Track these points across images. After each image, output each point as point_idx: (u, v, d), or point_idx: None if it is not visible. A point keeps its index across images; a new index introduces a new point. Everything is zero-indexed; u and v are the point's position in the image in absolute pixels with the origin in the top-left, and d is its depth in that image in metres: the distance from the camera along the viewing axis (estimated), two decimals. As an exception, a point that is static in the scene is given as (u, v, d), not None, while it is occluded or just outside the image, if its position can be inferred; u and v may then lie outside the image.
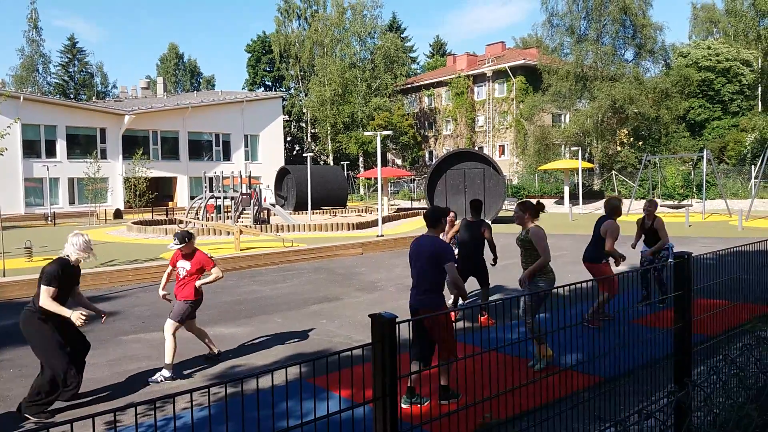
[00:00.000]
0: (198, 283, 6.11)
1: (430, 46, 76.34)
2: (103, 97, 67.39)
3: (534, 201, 6.15)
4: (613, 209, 7.59)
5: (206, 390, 4.09)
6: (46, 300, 5.04)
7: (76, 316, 5.06)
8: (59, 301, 5.11)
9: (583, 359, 5.74)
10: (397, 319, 2.45)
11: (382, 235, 17.90)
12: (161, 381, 5.75)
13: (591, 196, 35.19)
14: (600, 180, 38.74)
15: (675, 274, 3.96)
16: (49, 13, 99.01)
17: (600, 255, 7.50)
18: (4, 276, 10.81)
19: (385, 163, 52.02)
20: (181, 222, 24.32)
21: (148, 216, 30.70)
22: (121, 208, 37.78)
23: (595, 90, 36.89)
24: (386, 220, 25.09)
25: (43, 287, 5.05)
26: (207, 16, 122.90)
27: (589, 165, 37.10)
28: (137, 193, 36.72)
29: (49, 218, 31.85)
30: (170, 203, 41.23)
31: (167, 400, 5.04)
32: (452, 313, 7.62)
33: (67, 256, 5.28)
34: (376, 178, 34.05)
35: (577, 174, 32.78)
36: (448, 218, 8.81)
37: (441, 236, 6.48)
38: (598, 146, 38.69)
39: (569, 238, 17.60)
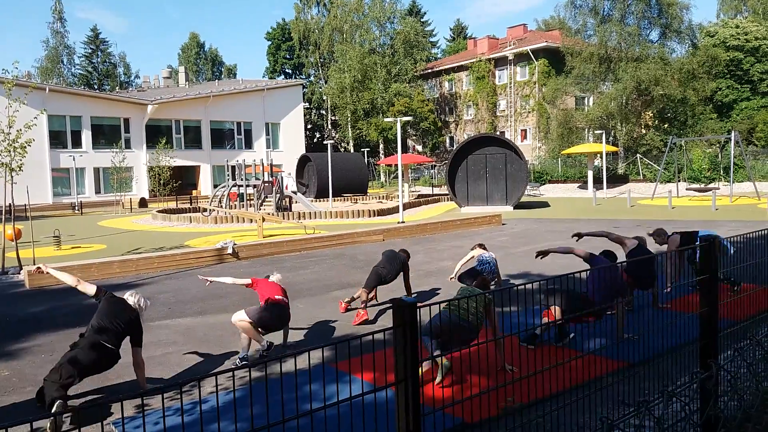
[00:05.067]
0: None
1: (451, 30, 75.55)
2: (126, 88, 68.13)
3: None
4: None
5: (231, 374, 4.16)
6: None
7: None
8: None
9: (607, 344, 5.70)
10: (419, 304, 2.46)
11: (403, 222, 17.91)
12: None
13: (615, 180, 34.71)
14: (624, 164, 38.16)
15: (701, 258, 3.90)
16: (73, 5, 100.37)
17: None
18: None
19: (405, 149, 51.88)
20: (204, 210, 24.60)
21: (172, 204, 31.08)
22: (146, 196, 38.33)
23: (619, 72, 36.23)
24: (407, 206, 25.07)
25: None
26: (227, 4, 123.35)
27: (614, 148, 36.54)
28: (161, 181, 37.23)
29: (76, 207, 32.46)
30: (194, 191, 41.72)
31: (193, 384, 5.15)
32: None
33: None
34: (396, 165, 34.02)
35: (601, 158, 32.34)
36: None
37: None
38: (623, 129, 38.07)
39: (594, 223, 17.40)
